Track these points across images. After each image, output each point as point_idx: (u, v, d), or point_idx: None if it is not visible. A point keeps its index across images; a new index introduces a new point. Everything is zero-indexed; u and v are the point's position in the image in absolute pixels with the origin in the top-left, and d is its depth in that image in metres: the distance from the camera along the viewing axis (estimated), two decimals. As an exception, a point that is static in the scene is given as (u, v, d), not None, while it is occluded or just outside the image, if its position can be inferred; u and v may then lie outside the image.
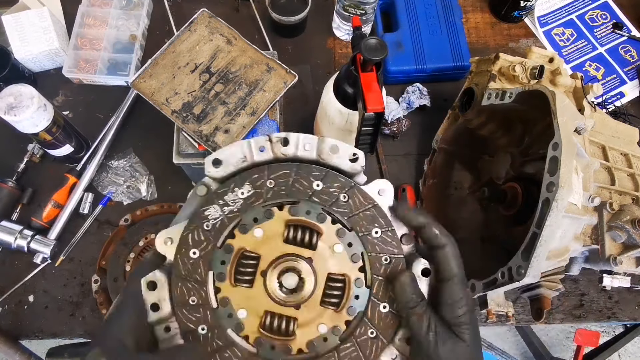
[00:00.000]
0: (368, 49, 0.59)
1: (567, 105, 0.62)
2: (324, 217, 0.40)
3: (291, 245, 0.40)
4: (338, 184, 0.41)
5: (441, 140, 0.92)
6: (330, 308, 0.40)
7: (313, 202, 0.40)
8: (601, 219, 0.67)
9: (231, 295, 0.39)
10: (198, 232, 0.40)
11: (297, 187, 0.41)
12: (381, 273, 0.40)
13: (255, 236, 0.40)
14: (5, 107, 0.75)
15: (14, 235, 0.85)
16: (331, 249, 0.40)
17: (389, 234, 0.41)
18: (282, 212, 0.41)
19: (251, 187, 0.41)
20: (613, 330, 1.98)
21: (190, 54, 0.81)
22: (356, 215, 0.41)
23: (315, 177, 0.41)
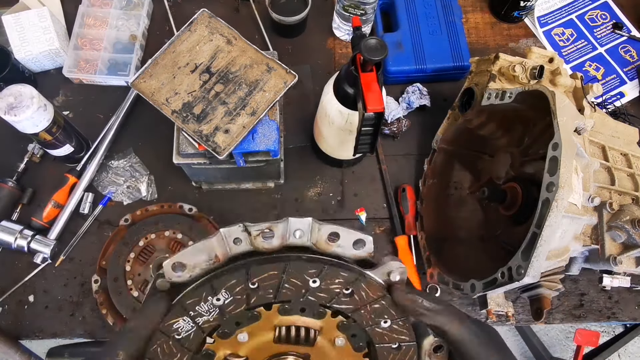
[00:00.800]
0: (368, 49, 0.59)
1: (567, 105, 0.62)
2: (322, 314, 0.35)
3: (286, 345, 0.36)
4: (340, 280, 0.34)
5: (441, 140, 0.92)
6: None
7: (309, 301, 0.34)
8: (601, 219, 0.67)
9: None
10: (168, 344, 0.34)
11: (288, 287, 0.34)
12: None
13: (239, 341, 0.35)
14: (5, 107, 0.75)
15: (14, 235, 0.85)
16: (331, 343, 0.36)
17: (399, 322, 0.35)
18: (271, 311, 0.35)
19: (228, 294, 0.34)
20: (613, 330, 1.98)
21: (190, 54, 0.81)
22: (364, 308, 0.35)
23: (311, 274, 0.34)
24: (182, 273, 0.34)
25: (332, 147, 0.88)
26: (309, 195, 0.96)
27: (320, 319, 0.36)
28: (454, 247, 0.86)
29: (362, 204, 0.95)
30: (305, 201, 0.95)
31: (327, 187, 0.97)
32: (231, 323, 0.35)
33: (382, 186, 0.97)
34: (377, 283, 0.36)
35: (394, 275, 0.36)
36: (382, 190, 0.97)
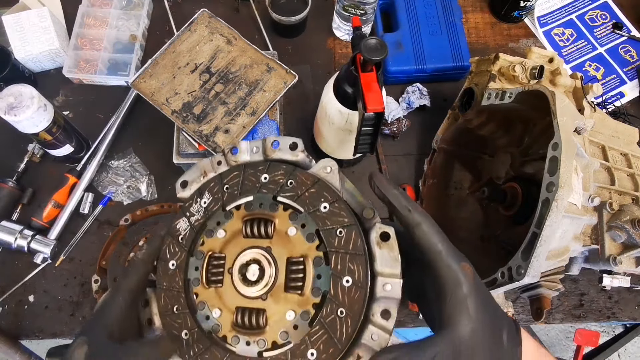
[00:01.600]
0: (368, 49, 0.59)
1: (567, 105, 0.62)
2: (274, 206, 0.42)
3: (250, 239, 0.42)
4: (281, 172, 0.43)
5: (441, 140, 0.92)
6: (295, 293, 0.39)
7: (263, 193, 0.42)
8: (601, 219, 0.67)
9: (206, 298, 0.41)
10: (172, 245, 0.44)
11: (246, 184, 0.43)
12: (336, 246, 0.39)
13: (219, 238, 0.43)
14: (5, 107, 0.75)
15: (14, 235, 0.85)
16: (286, 234, 0.41)
17: (336, 205, 0.40)
18: (240, 210, 0.43)
19: (210, 194, 0.44)
20: (613, 330, 1.98)
21: (190, 54, 0.81)
22: (302, 195, 0.41)
23: (261, 170, 0.43)
24: (185, 189, 0.46)
25: (332, 147, 0.88)
26: (309, 195, 0.96)
27: (274, 211, 0.42)
28: (454, 247, 0.86)
29: (362, 204, 0.95)
30: (305, 201, 0.95)
31: (327, 187, 0.96)
32: (213, 223, 0.43)
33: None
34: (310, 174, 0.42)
35: (325, 169, 0.42)
36: (382, 190, 0.97)
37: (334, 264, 0.38)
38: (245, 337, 0.40)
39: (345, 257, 0.38)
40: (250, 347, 0.39)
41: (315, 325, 0.37)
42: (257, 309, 0.40)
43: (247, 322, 0.40)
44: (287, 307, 0.39)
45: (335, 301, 0.37)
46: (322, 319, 0.37)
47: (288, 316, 0.39)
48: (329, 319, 0.37)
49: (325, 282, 0.38)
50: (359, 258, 0.38)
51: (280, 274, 0.40)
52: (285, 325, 0.39)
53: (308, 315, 0.38)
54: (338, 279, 0.38)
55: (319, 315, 0.37)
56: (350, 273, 0.38)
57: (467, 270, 0.36)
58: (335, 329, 0.37)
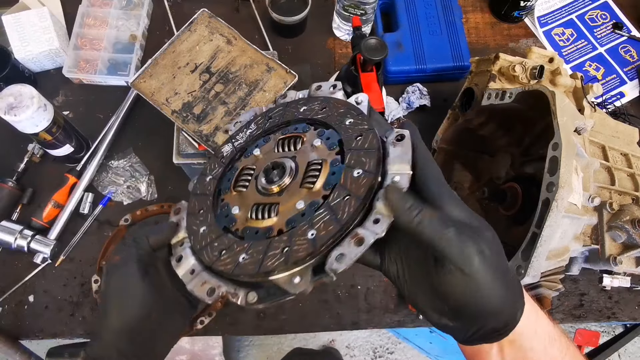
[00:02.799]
0: (368, 49, 0.59)
1: (567, 105, 0.62)
2: (307, 128, 0.46)
3: (280, 152, 0.46)
4: (317, 102, 0.47)
5: (441, 140, 0.92)
6: (309, 187, 0.41)
7: (299, 120, 0.47)
8: (601, 219, 0.67)
9: (230, 200, 0.46)
10: (214, 162, 0.50)
11: (287, 114, 0.48)
12: (354, 146, 0.41)
13: (254, 155, 0.47)
14: (5, 107, 0.75)
15: (14, 235, 0.85)
16: (312, 145, 0.44)
17: (359, 118, 0.43)
18: (276, 134, 0.48)
19: (255, 126, 0.50)
20: (613, 330, 1.98)
21: (190, 54, 0.81)
22: (332, 115, 0.45)
23: (301, 104, 0.48)
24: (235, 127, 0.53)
25: (332, 147, 0.88)
26: (309, 195, 0.96)
27: (305, 131, 0.46)
28: (454, 247, 0.86)
29: (362, 204, 0.95)
30: (305, 201, 0.95)
31: (327, 187, 0.96)
32: (252, 145, 0.49)
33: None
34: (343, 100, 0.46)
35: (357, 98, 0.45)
36: (382, 190, 0.97)
37: (348, 160, 0.40)
38: (254, 227, 0.42)
39: (360, 153, 0.40)
40: (257, 235, 0.42)
41: (320, 209, 0.39)
42: (270, 203, 0.43)
43: (260, 215, 0.42)
44: (299, 198, 0.41)
45: (343, 188, 0.39)
46: (328, 203, 0.39)
47: (298, 205, 0.41)
48: (334, 202, 0.38)
49: (337, 177, 0.40)
50: (372, 153, 0.39)
51: (299, 174, 0.43)
52: (294, 213, 0.40)
53: (316, 203, 0.40)
54: (350, 170, 0.40)
55: (326, 201, 0.39)
56: (361, 165, 0.39)
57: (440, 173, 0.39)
58: (338, 210, 0.38)
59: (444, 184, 0.37)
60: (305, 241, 0.37)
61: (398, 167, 0.38)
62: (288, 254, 0.37)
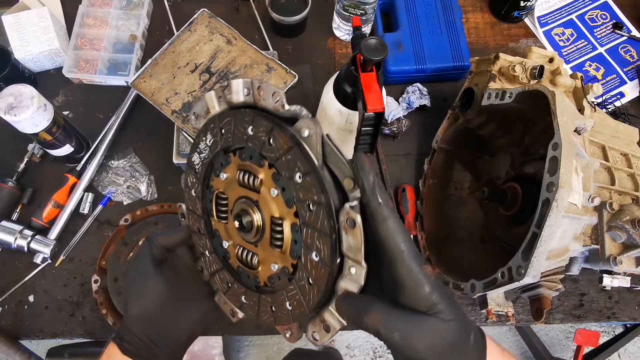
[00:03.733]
0: (368, 49, 0.59)
1: (567, 105, 0.62)
2: (260, 161, 0.42)
3: (244, 189, 0.44)
4: (263, 128, 0.41)
5: (441, 140, 0.92)
6: (277, 250, 0.42)
7: (249, 147, 0.43)
8: (601, 219, 0.67)
9: (218, 228, 0.48)
10: (191, 176, 0.50)
11: (236, 133, 0.43)
12: (306, 220, 0.38)
13: (222, 180, 0.46)
14: (5, 107, 0.75)
15: (14, 235, 0.85)
16: (270, 194, 0.42)
17: (308, 179, 0.37)
18: (235, 156, 0.45)
19: (211, 135, 0.46)
20: (613, 330, 1.98)
21: (190, 54, 0.81)
22: (280, 159, 0.40)
23: (247, 122, 0.42)
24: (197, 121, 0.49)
25: (332, 147, 0.88)
26: (309, 195, 0.96)
27: (260, 166, 0.42)
28: (454, 247, 0.86)
29: (362, 204, 0.95)
30: (305, 201, 0.95)
31: (327, 187, 0.96)
32: (217, 164, 0.47)
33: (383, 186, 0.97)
34: (288, 134, 0.39)
35: (302, 132, 0.38)
36: (382, 190, 0.97)
37: (305, 237, 0.39)
38: (246, 272, 0.46)
39: (314, 234, 0.38)
40: (249, 280, 0.46)
41: (291, 283, 0.41)
42: (251, 251, 0.45)
43: (244, 260, 0.45)
44: (272, 259, 0.43)
45: (304, 270, 0.39)
46: (296, 282, 0.40)
47: (273, 267, 0.43)
48: (300, 282, 0.40)
49: (299, 248, 0.40)
50: (325, 238, 0.37)
51: (266, 229, 0.43)
52: (271, 273, 0.43)
53: (287, 271, 0.41)
54: (308, 251, 0.38)
55: (294, 277, 0.41)
56: (317, 250, 0.38)
57: (428, 272, 0.35)
58: (305, 293, 0.40)
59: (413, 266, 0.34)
60: (286, 311, 0.41)
61: (352, 257, 0.36)
62: (275, 317, 0.43)
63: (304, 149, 0.38)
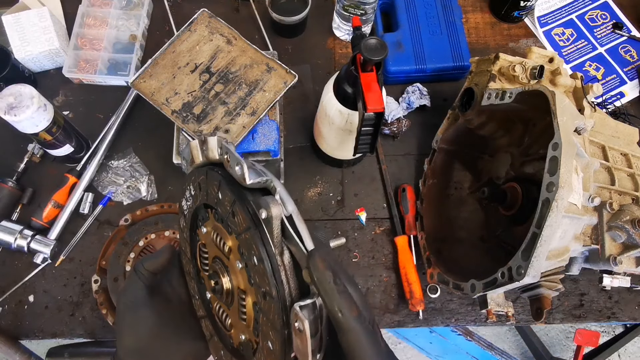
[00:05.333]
0: (368, 49, 0.59)
1: (567, 105, 0.62)
2: (228, 229, 0.40)
3: (218, 250, 0.43)
4: (228, 198, 0.38)
5: (441, 140, 0.92)
6: (243, 322, 0.41)
7: (219, 212, 0.41)
8: (601, 219, 0.67)
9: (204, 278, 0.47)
10: (182, 219, 0.50)
11: (209, 193, 0.42)
12: (262, 308, 0.36)
13: (203, 233, 0.46)
14: (5, 107, 0.75)
15: (14, 235, 0.85)
16: (236, 265, 0.39)
17: (261, 267, 0.34)
18: (211, 214, 0.44)
19: (192, 187, 0.46)
20: (613, 330, 1.98)
21: (190, 54, 0.81)
22: (240, 236, 0.37)
23: (216, 186, 0.40)
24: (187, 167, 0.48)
25: (332, 147, 0.88)
26: (309, 195, 0.96)
27: (228, 233, 0.41)
28: (454, 247, 0.86)
29: (362, 204, 0.95)
30: (305, 201, 0.96)
31: (327, 187, 0.97)
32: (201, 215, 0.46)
33: (382, 186, 0.97)
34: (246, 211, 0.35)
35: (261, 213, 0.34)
36: (382, 190, 0.97)
37: (261, 323, 0.37)
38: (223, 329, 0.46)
39: (268, 324, 0.36)
40: (226, 338, 0.46)
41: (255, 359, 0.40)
42: (225, 313, 0.45)
43: (220, 318, 0.45)
44: (240, 328, 0.42)
45: (262, 354, 0.38)
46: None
47: (241, 336, 0.43)
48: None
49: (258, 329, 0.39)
50: (277, 333, 0.35)
51: (235, 298, 0.42)
52: (240, 341, 0.43)
53: (251, 346, 0.41)
54: (265, 337, 0.37)
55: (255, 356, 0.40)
56: (271, 342, 0.36)
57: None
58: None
59: None
60: None
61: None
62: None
63: (263, 231, 0.34)
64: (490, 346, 1.84)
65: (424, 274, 0.86)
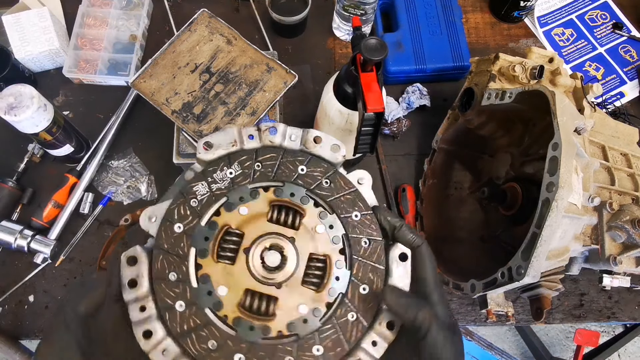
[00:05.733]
0: (368, 49, 0.59)
1: (567, 105, 0.62)
2: (307, 200, 0.42)
3: (275, 225, 0.41)
4: (321, 169, 0.43)
5: (441, 140, 0.92)
6: (311, 288, 0.40)
7: (297, 184, 0.42)
8: (601, 219, 0.68)
9: (212, 272, 0.39)
10: (184, 207, 0.40)
11: (282, 169, 0.42)
12: (361, 255, 0.41)
13: (240, 214, 0.41)
14: (5, 107, 0.75)
15: (14, 235, 0.85)
16: (313, 230, 0.41)
17: (368, 217, 0.42)
18: (268, 193, 0.42)
19: (239, 167, 0.42)
20: (613, 330, 1.98)
21: (190, 54, 0.81)
22: (337, 198, 0.42)
23: (300, 161, 0.43)
24: (210, 150, 0.42)
25: (332, 147, 0.88)
26: (309, 195, 0.96)
27: (305, 204, 0.41)
28: (454, 247, 0.86)
29: (362, 204, 0.95)
30: (305, 201, 0.95)
31: (327, 187, 0.97)
32: (236, 197, 0.41)
33: (382, 186, 0.97)
34: (349, 179, 0.43)
35: (361, 180, 0.43)
36: (382, 190, 0.97)
37: (356, 271, 0.40)
38: (248, 321, 0.38)
39: (368, 267, 0.40)
40: (253, 332, 0.37)
41: (328, 324, 0.38)
42: (268, 295, 0.39)
43: (256, 307, 0.38)
44: (301, 300, 0.39)
45: (350, 305, 0.39)
46: (335, 319, 0.39)
47: (301, 309, 0.39)
48: (341, 320, 0.39)
49: (342, 284, 0.40)
50: (380, 271, 0.40)
51: (300, 267, 0.40)
52: (295, 317, 0.39)
53: (320, 312, 0.39)
54: (357, 285, 0.40)
55: (332, 315, 0.39)
56: (369, 282, 0.40)
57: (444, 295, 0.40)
58: (347, 330, 0.38)
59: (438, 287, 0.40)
60: (313, 358, 0.37)
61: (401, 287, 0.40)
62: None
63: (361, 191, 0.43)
64: (490, 346, 1.84)
65: (424, 274, 0.86)
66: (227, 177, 0.41)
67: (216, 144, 0.43)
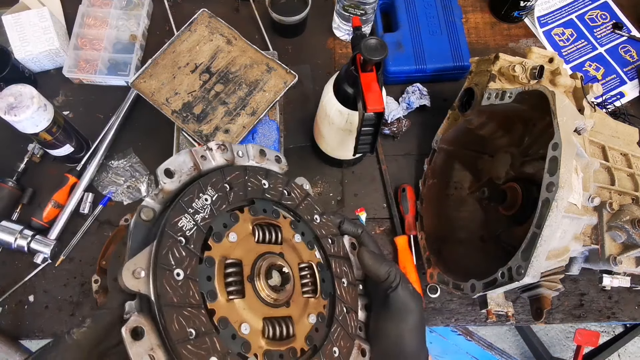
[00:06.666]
0: (368, 49, 0.59)
1: (567, 105, 0.62)
2: (277, 213, 0.44)
3: (263, 244, 0.41)
4: (280, 180, 0.45)
5: (441, 140, 0.92)
6: (310, 296, 0.42)
7: (266, 199, 0.43)
8: (601, 219, 0.68)
9: (228, 313, 0.36)
10: (177, 248, 0.35)
11: (250, 186, 0.43)
12: (332, 252, 0.45)
13: (230, 241, 0.39)
14: (5, 107, 0.75)
15: (14, 235, 0.85)
16: (292, 241, 0.43)
17: (324, 217, 0.47)
18: (244, 213, 0.41)
19: (214, 190, 0.39)
20: (613, 330, 1.98)
21: (190, 54, 0.81)
22: (300, 206, 0.45)
23: (261, 175, 0.44)
24: (173, 179, 0.39)
25: (332, 147, 0.88)
26: (309, 195, 0.96)
27: (277, 218, 0.43)
28: (454, 247, 0.86)
29: (362, 204, 0.95)
30: (305, 201, 0.95)
31: (327, 187, 0.97)
32: (219, 225, 0.39)
33: (382, 186, 0.97)
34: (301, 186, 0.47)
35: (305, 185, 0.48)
36: (382, 190, 0.97)
37: (335, 268, 0.44)
38: (277, 350, 0.37)
39: (340, 262, 0.44)
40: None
41: (333, 324, 0.41)
42: (284, 317, 0.38)
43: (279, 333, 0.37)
44: (308, 310, 0.41)
45: (342, 300, 0.43)
46: (337, 318, 0.41)
47: (311, 319, 0.40)
48: (341, 316, 0.42)
49: (328, 284, 0.43)
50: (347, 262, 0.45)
51: (296, 280, 0.42)
52: (308, 329, 0.40)
53: (324, 316, 0.42)
54: (339, 280, 0.43)
55: (334, 315, 0.41)
56: (345, 275, 0.44)
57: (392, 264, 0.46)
58: (347, 324, 0.42)
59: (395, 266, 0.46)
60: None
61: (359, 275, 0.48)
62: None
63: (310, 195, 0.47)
64: (490, 346, 1.84)
65: (423, 273, 0.86)
66: (207, 203, 0.39)
67: (178, 170, 0.40)
